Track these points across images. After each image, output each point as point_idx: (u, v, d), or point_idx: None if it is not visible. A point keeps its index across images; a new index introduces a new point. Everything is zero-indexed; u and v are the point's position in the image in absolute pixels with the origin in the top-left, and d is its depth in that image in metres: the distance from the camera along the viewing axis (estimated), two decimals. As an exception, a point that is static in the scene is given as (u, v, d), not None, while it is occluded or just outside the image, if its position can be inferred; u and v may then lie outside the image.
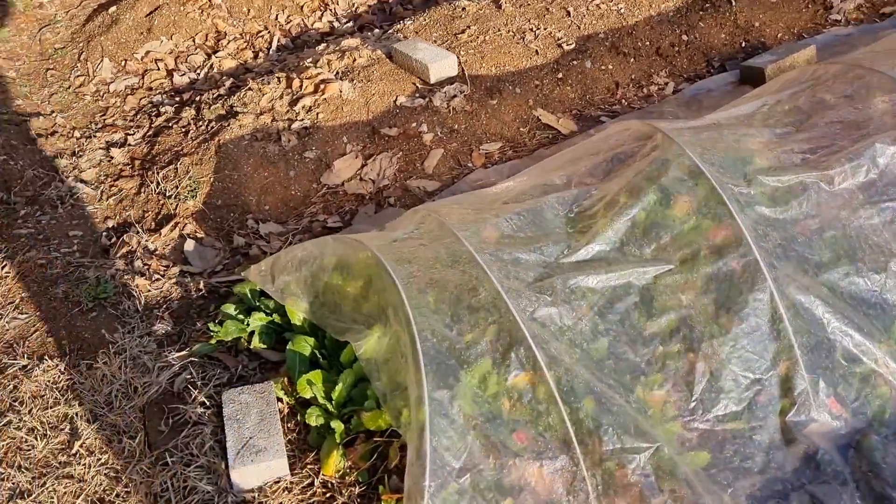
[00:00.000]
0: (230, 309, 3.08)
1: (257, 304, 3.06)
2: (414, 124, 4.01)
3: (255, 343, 2.97)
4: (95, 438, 2.72)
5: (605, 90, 4.23)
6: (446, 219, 2.66)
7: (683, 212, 2.60)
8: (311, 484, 2.52)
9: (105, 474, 2.61)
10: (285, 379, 2.82)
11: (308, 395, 2.66)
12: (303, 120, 4.07)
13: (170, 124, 4.33)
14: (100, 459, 2.66)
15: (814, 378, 2.43)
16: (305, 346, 2.83)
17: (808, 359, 2.44)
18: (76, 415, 2.80)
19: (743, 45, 4.41)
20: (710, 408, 2.39)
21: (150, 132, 4.37)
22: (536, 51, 4.35)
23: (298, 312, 2.91)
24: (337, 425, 2.55)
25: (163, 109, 4.51)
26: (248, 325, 3.00)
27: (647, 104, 4.14)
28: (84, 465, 2.65)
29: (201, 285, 3.38)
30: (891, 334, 2.56)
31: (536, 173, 3.09)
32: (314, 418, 2.60)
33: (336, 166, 3.89)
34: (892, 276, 2.59)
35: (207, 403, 2.75)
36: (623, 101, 4.19)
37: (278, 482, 2.51)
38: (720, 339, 2.43)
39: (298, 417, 2.72)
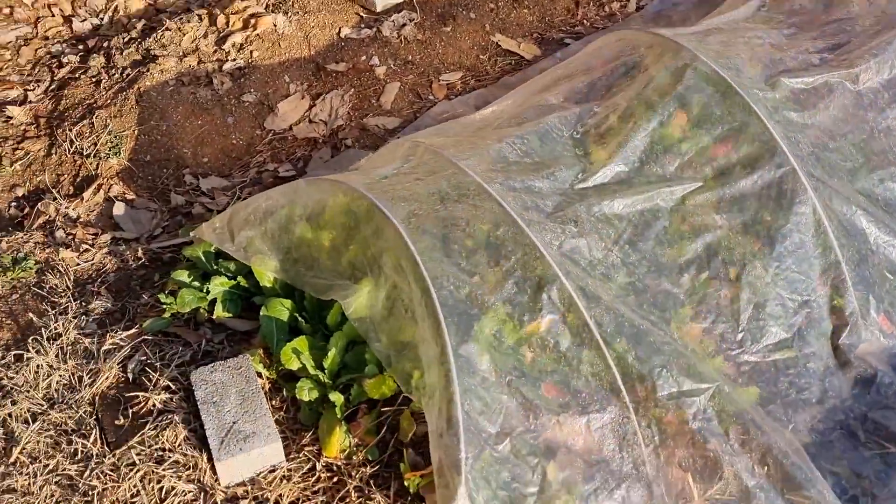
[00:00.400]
0: (183, 276, 2.63)
1: (215, 267, 2.63)
2: (363, 57, 3.58)
3: (219, 312, 2.55)
4: (38, 442, 2.26)
5: (565, 11, 3.90)
6: (440, 149, 2.29)
7: (707, 123, 2.31)
8: (313, 469, 2.14)
9: (56, 483, 2.17)
10: (261, 350, 2.41)
11: (294, 367, 2.27)
12: (235, 60, 3.59)
13: (76, 75, 3.76)
14: (47, 466, 2.21)
15: (862, 295, 2.21)
16: (282, 310, 2.42)
17: (855, 274, 2.21)
18: (10, 416, 2.32)
19: (702, -44, 4.14)
20: (759, 337, 2.14)
21: (54, 85, 3.78)
22: (487, -28, 3.96)
23: (267, 272, 2.50)
24: (336, 397, 2.18)
25: (65, 59, 3.91)
26: (207, 292, 2.56)
27: (610, 23, 3.84)
28: (27, 474, 2.19)
29: (140, 253, 2.90)
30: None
31: (522, 96, 2.74)
32: (306, 392, 2.22)
33: (281, 109, 3.43)
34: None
35: (173, 387, 2.33)
36: (585, 21, 3.87)
37: (273, 471, 2.13)
38: (763, 261, 2.17)
39: (285, 393, 2.33)
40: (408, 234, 2.05)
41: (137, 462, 2.16)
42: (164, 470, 2.12)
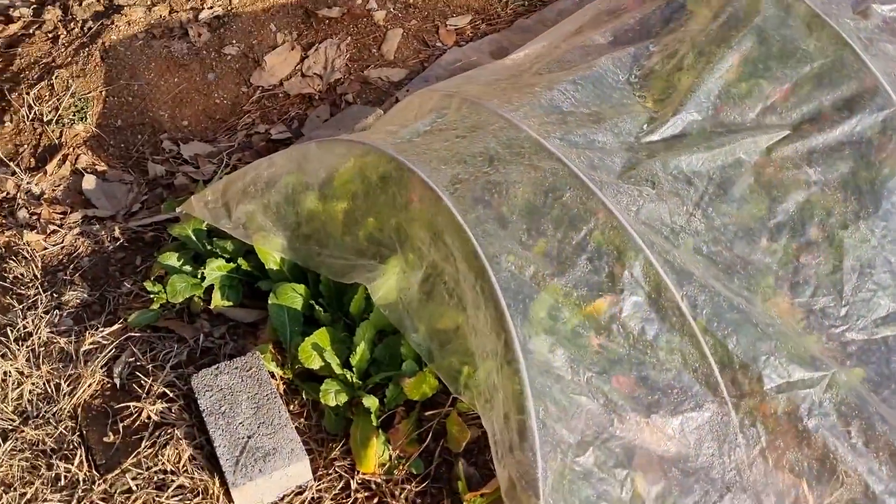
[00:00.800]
0: (171, 259, 2.24)
1: (209, 247, 2.24)
2: (359, 1, 3.16)
3: (217, 301, 2.17)
4: (11, 466, 1.89)
5: (580, -56, 3.50)
6: (480, 100, 1.92)
7: (792, 59, 1.96)
8: (347, 488, 1.80)
9: (36, 517, 1.80)
10: (271, 346, 2.05)
11: (315, 365, 1.91)
12: (212, 7, 3.15)
13: (30, 31, 3.29)
14: (23, 495, 1.84)
15: (977, 256, 1.89)
16: (295, 296, 2.05)
17: (969, 232, 1.89)
18: (-25, 436, 1.95)
19: None
20: (866, 311, 1.82)
21: (3, 44, 3.31)
22: None
23: (273, 252, 2.13)
24: (371, 402, 1.83)
25: (15, 13, 3.43)
26: (202, 277, 2.18)
27: (629, -43, 3.44)
28: (0, 506, 1.83)
29: (117, 233, 2.50)
30: None
31: (557, 37, 2.36)
32: (332, 396, 1.86)
33: (268, 62, 3.01)
34: None
35: (170, 394, 1.96)
36: (601, -45, 3.47)
37: (301, 492, 1.78)
38: (868, 221, 1.85)
39: (304, 395, 1.97)
40: (454, 203, 1.69)
41: (134, 488, 1.79)
42: (167, 498, 1.76)
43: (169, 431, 1.87)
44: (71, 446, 1.91)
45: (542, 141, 1.76)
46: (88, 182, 2.69)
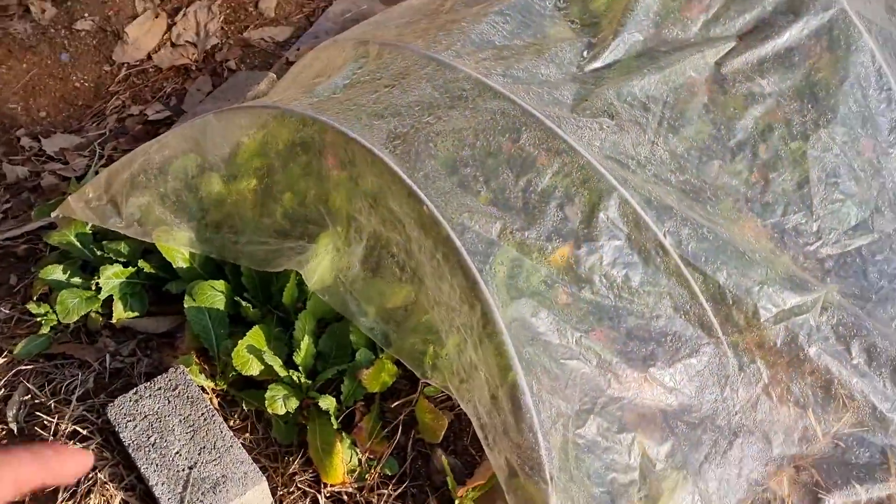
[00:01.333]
0: (55, 272, 1.90)
1: (100, 253, 1.91)
2: (225, -45, 2.82)
3: (120, 313, 1.85)
4: None
5: None
6: (402, 43, 1.67)
7: (727, -36, 1.81)
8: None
9: None
10: (195, 355, 1.76)
11: (254, 371, 1.65)
12: (53, -22, 2.73)
13: None
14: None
15: (932, 152, 1.83)
16: (215, 295, 1.77)
17: (922, 128, 1.83)
18: None
19: None
20: (837, 224, 1.72)
21: None
22: None
23: (180, 248, 1.83)
24: (328, 402, 1.58)
25: None
26: (97, 288, 1.86)
27: None
28: None
29: (-19, 251, 2.12)
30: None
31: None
32: (280, 403, 1.61)
33: (131, 34, 2.64)
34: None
35: (83, 432, 1.64)
36: None
37: (262, 521, 1.53)
38: (828, 129, 1.74)
39: (244, 406, 1.71)
40: (396, 162, 1.45)
41: (58, 552, 1.49)
42: (102, 557, 1.48)
43: (90, 476, 1.57)
44: (-32, 514, 1.57)
45: (484, 79, 1.54)
46: (-66, 196, 2.27)
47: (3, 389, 1.76)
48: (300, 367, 1.65)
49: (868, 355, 1.53)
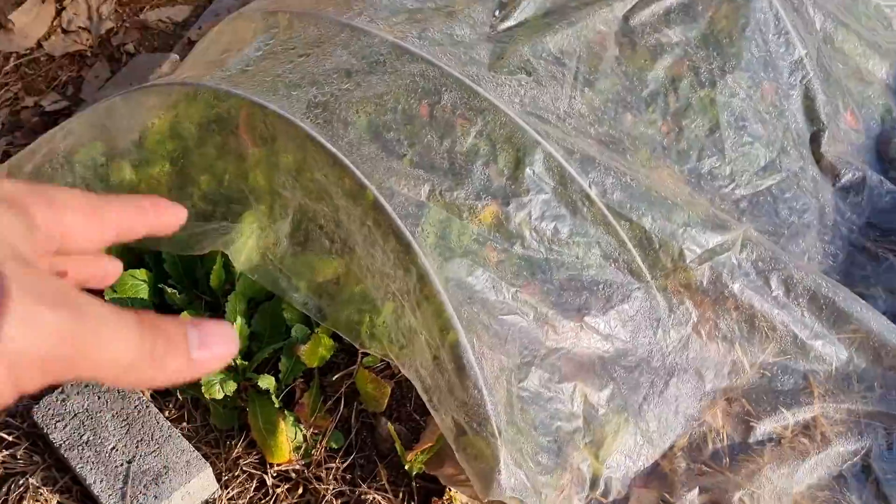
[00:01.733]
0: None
1: (8, 252, 1.81)
2: (112, -66, 2.69)
3: (36, 313, 1.76)
4: None
5: None
6: (314, 10, 1.64)
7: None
8: (263, 485, 1.53)
9: None
10: (121, 348, 1.70)
11: (187, 357, 1.60)
12: (-76, -34, 2.55)
13: None
14: None
15: (829, 90, 1.93)
16: (138, 284, 1.71)
17: (819, 69, 1.91)
18: None
19: None
20: (748, 165, 1.79)
21: None
22: None
23: (95, 240, 1.75)
24: (267, 382, 1.56)
25: None
26: (8, 289, 1.76)
27: None
28: None
29: None
30: (856, 16, 2.14)
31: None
32: (217, 387, 1.57)
33: (16, 22, 2.50)
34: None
35: (8, 438, 1.56)
36: None
37: (210, 507, 1.50)
38: (734, 75, 1.80)
39: (179, 395, 1.66)
40: (318, 131, 1.42)
41: (-6, 564, 1.42)
42: (43, 563, 1.41)
43: (20, 483, 1.50)
44: None
45: (402, 43, 1.52)
46: None
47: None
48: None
49: (786, 287, 1.60)
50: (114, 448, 1.48)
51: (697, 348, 1.57)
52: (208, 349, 0.42)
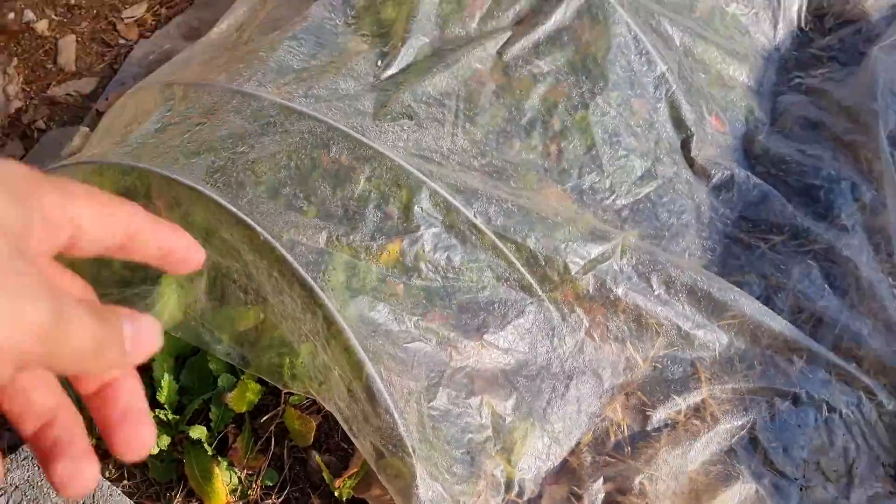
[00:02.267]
0: None
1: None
2: (11, 15, 2.77)
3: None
4: None
5: None
6: (205, 81, 1.76)
7: (491, -37, 2.00)
8: (204, 530, 1.63)
9: None
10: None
11: (120, 418, 1.69)
12: None
13: None
14: None
15: (693, 99, 2.11)
16: (67, 354, 1.79)
17: (681, 81, 2.10)
18: None
19: None
20: (625, 176, 1.96)
21: None
22: None
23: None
24: (199, 432, 1.66)
25: None
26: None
27: None
28: None
29: None
30: (714, 29, 2.33)
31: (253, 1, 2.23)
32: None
33: (-75, 110, 2.56)
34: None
35: (-46, 517, 1.63)
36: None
37: (155, 557, 1.59)
38: (603, 95, 1.97)
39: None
40: (219, 195, 1.54)
41: None
42: None
43: (-30, 558, 1.57)
44: None
45: (289, 104, 1.65)
46: None
47: None
48: (166, 405, 1.71)
49: (666, 286, 1.77)
50: (57, 513, 1.56)
51: (592, 351, 1.72)
52: (139, 346, 0.42)
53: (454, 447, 1.54)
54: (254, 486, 1.67)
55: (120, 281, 1.79)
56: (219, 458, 1.66)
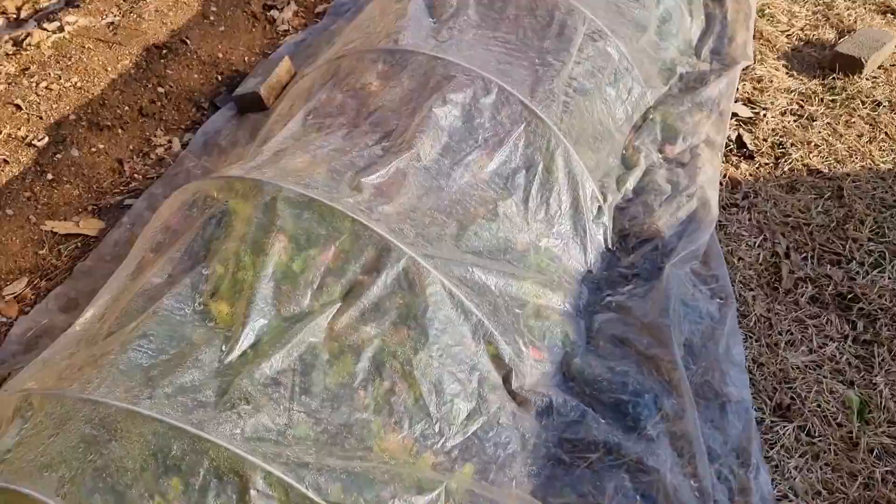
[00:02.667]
0: None
1: None
2: None
3: None
4: None
5: (111, 172, 3.65)
6: (58, 390, 1.97)
7: (318, 244, 2.33)
8: None
9: None
10: None
11: None
12: None
13: None
14: None
15: (510, 338, 2.43)
16: None
17: (497, 323, 2.42)
18: None
19: (219, 78, 4.21)
20: (453, 419, 2.23)
21: None
22: (4, 160, 3.54)
23: None
24: None
25: None
26: None
27: (162, 168, 3.69)
28: None
29: None
30: (527, 266, 2.69)
31: (118, 286, 2.49)
32: None
33: None
34: (499, 218, 2.71)
35: None
36: (136, 175, 3.67)
37: None
38: (425, 350, 2.26)
39: None
40: (69, 506, 1.72)
41: None
42: None
43: None
44: None
45: (133, 408, 1.87)
46: None
47: None
48: None
49: (488, 523, 1.99)
50: None
51: None
52: None
53: None
54: None
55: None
56: None
